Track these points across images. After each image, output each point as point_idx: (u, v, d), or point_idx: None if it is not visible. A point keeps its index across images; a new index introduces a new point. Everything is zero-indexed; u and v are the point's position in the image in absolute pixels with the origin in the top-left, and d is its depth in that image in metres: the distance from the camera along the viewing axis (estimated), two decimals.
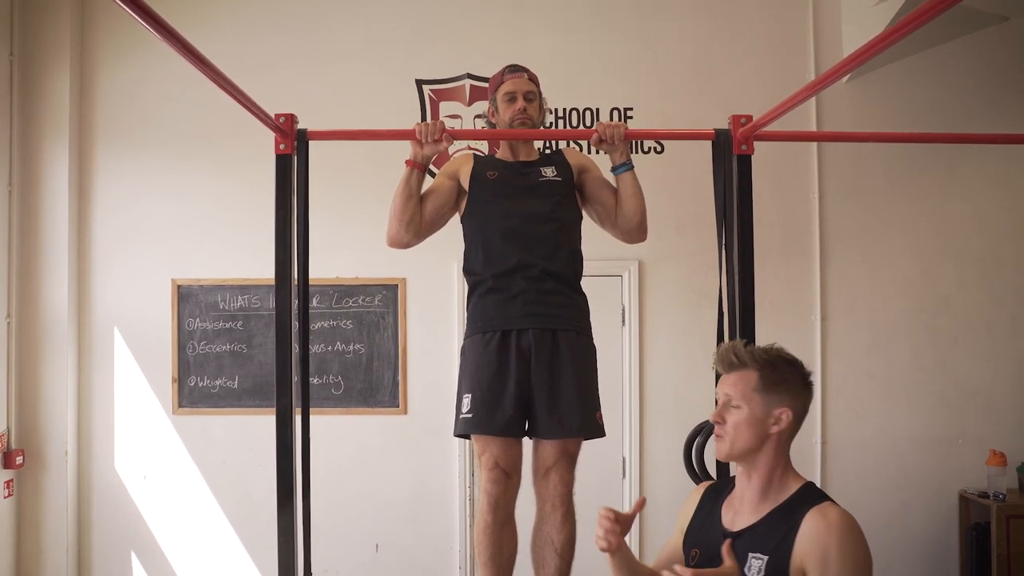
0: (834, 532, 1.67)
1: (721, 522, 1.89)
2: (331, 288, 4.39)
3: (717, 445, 1.87)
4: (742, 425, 1.81)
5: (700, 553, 1.90)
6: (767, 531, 1.77)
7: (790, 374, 1.85)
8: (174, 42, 1.85)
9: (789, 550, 1.70)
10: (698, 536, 1.95)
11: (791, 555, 1.70)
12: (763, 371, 1.83)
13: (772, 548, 1.73)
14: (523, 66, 2.86)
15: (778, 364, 1.85)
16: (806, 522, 1.71)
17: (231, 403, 4.39)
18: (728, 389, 1.85)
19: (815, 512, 1.72)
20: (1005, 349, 4.40)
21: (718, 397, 1.89)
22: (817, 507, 1.73)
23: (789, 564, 1.70)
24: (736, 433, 1.82)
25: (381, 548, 4.38)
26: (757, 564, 1.73)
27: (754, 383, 1.82)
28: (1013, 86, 4.43)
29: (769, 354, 1.86)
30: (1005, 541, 3.95)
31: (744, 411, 1.82)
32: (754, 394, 1.82)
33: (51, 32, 4.31)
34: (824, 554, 1.66)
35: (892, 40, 1.84)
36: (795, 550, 1.70)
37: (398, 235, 2.74)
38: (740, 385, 1.83)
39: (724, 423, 1.83)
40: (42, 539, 4.27)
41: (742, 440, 1.82)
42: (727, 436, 1.83)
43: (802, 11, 4.43)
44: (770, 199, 4.22)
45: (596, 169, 2.87)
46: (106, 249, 4.43)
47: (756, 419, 1.81)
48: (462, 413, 2.63)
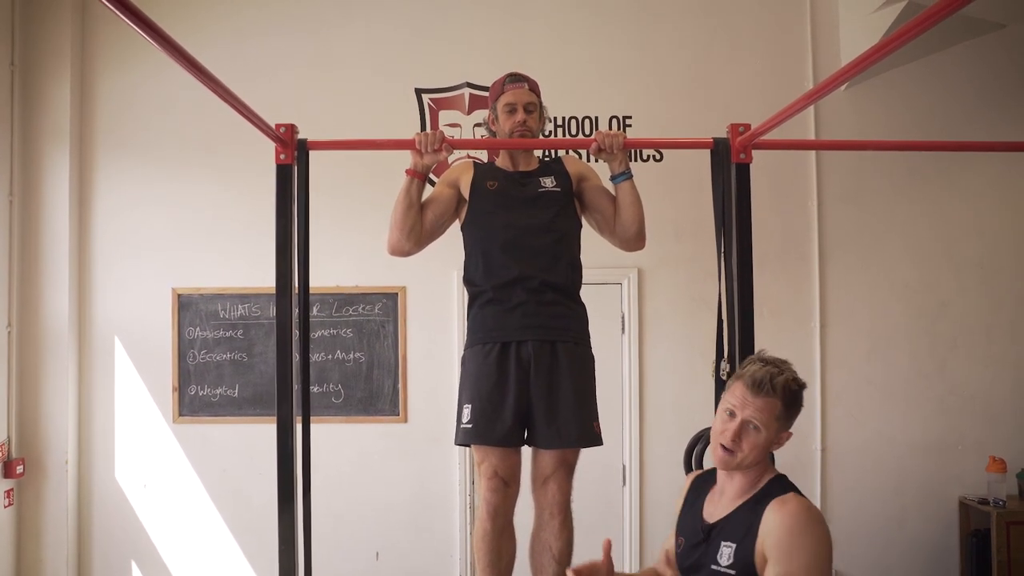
0: (789, 521, 1.82)
1: (702, 514, 2.02)
2: (331, 297, 4.39)
3: (722, 458, 1.95)
4: (758, 447, 1.92)
5: (684, 542, 2.03)
6: (737, 521, 1.92)
7: (801, 402, 1.97)
8: (175, 54, 1.86)
9: (753, 538, 1.85)
10: (683, 525, 2.08)
11: (755, 543, 1.85)
12: (786, 401, 1.93)
13: (740, 537, 1.88)
14: (524, 75, 2.86)
15: (797, 397, 1.95)
16: (767, 512, 1.86)
17: (231, 412, 4.39)
18: (754, 414, 1.91)
19: (775, 503, 1.87)
20: (1004, 354, 4.41)
21: (735, 411, 1.94)
22: (779, 498, 1.88)
23: (754, 551, 1.84)
24: (749, 453, 1.92)
25: (381, 556, 4.38)
26: (727, 551, 1.88)
27: (778, 412, 1.92)
28: (1011, 93, 4.44)
29: (793, 387, 1.94)
30: (1005, 548, 3.95)
31: (763, 435, 1.91)
32: (774, 422, 1.92)
33: (52, 41, 4.33)
34: (779, 541, 1.81)
35: (890, 49, 1.85)
36: (758, 538, 1.85)
37: (399, 244, 2.75)
38: (766, 412, 1.91)
39: (739, 442, 1.91)
40: (42, 548, 4.26)
41: (751, 460, 1.93)
42: (739, 455, 1.92)
43: (800, 19, 4.45)
44: (769, 206, 4.23)
45: (595, 177, 2.88)
46: (106, 258, 4.44)
47: (767, 443, 1.93)
48: (462, 423, 2.64)
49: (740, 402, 1.93)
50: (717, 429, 1.97)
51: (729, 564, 1.88)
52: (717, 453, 1.95)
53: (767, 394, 1.90)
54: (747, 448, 1.91)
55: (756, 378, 1.92)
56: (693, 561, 1.99)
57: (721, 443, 1.93)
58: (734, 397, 1.95)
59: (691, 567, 2.00)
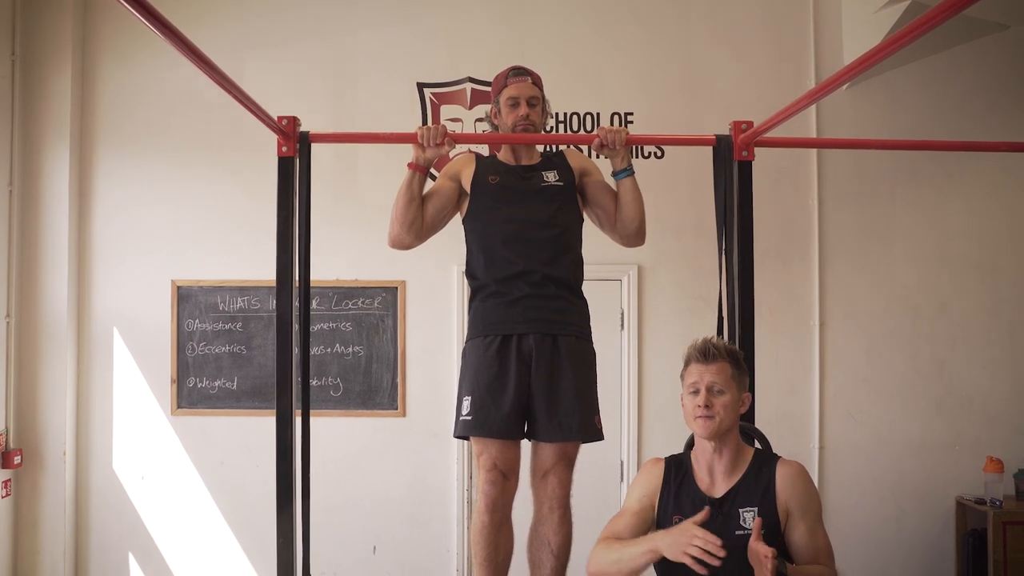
0: (802, 477, 2.15)
1: (701, 491, 2.18)
2: (331, 290, 4.39)
3: (705, 425, 2.13)
4: (729, 407, 2.13)
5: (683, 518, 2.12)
6: (749, 488, 2.14)
7: (744, 366, 2.24)
8: (179, 43, 1.86)
9: (773, 497, 2.11)
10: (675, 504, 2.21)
11: (776, 500, 2.11)
12: (732, 362, 2.17)
13: (759, 500, 2.12)
14: (527, 69, 2.85)
15: (739, 357, 2.21)
16: (779, 474, 2.13)
17: (230, 404, 4.40)
18: (713, 377, 2.14)
19: (782, 465, 2.16)
20: (1002, 355, 4.41)
21: (698, 384, 2.15)
22: (780, 461, 2.18)
23: (776, 507, 2.10)
24: (725, 414, 2.12)
25: (379, 549, 4.38)
26: (750, 515, 2.09)
27: (729, 372, 2.16)
28: (1013, 94, 4.44)
29: (733, 349, 2.22)
30: (1002, 548, 3.96)
31: (727, 395, 2.13)
32: (731, 381, 2.15)
33: (53, 33, 4.32)
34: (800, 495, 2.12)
35: (893, 49, 1.85)
36: (778, 496, 2.11)
37: (400, 237, 2.76)
38: (722, 375, 2.14)
39: (712, 406, 2.12)
40: (39, 539, 4.27)
41: (728, 420, 2.13)
42: (717, 416, 2.12)
43: (803, 17, 4.44)
44: (769, 204, 4.23)
45: (597, 172, 2.88)
46: (106, 249, 4.43)
47: (735, 402, 2.15)
48: (461, 415, 2.64)
49: (698, 375, 2.16)
50: (689, 409, 2.17)
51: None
52: (699, 425, 2.14)
53: (714, 358, 2.14)
54: (720, 410, 2.11)
55: (700, 348, 2.17)
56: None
57: (697, 416, 2.13)
58: (691, 375, 2.18)
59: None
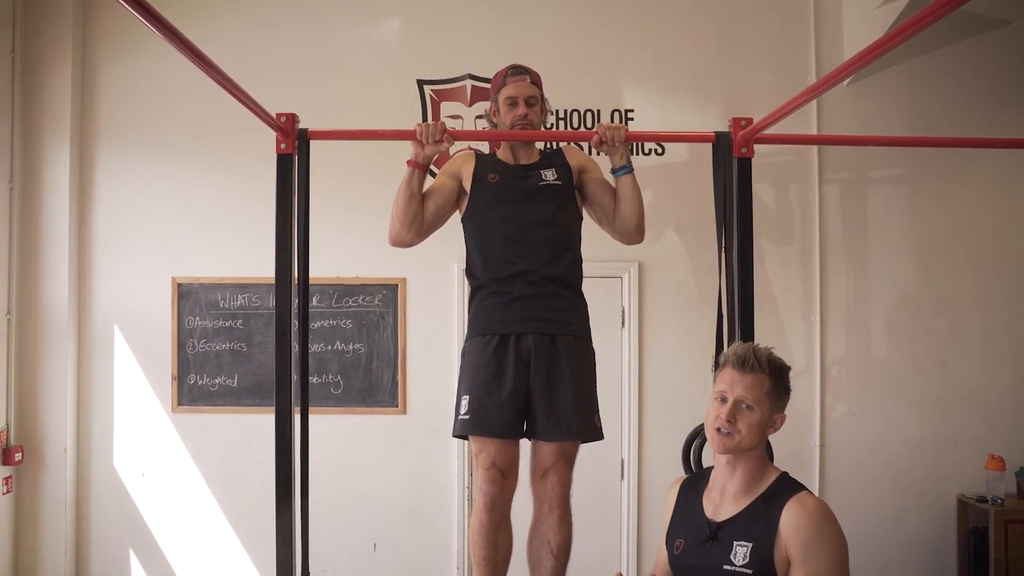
0: (813, 520, 1.81)
1: (704, 513, 1.98)
2: (331, 287, 4.39)
3: (720, 441, 1.93)
4: (754, 428, 1.91)
5: (684, 543, 1.99)
6: (750, 520, 1.88)
7: (788, 383, 1.99)
8: (177, 42, 1.86)
9: (773, 537, 1.83)
10: (680, 528, 2.04)
11: (775, 542, 1.83)
12: (773, 378, 1.94)
13: (756, 536, 1.85)
14: (526, 67, 2.85)
15: (783, 373, 1.97)
16: (787, 511, 1.84)
17: (230, 401, 4.40)
18: (744, 392, 1.92)
19: (794, 501, 1.85)
20: (1003, 352, 4.41)
21: (727, 394, 1.94)
22: (795, 496, 1.87)
23: (773, 550, 1.82)
24: (747, 433, 1.91)
25: (379, 547, 4.38)
26: (742, 551, 1.85)
27: (766, 388, 1.93)
28: (1014, 90, 4.43)
29: (778, 362, 1.97)
30: (1003, 546, 3.95)
31: (757, 414, 1.91)
32: (765, 399, 1.93)
33: (53, 30, 4.31)
34: (806, 540, 1.80)
35: (893, 44, 1.85)
36: (779, 537, 1.83)
37: (400, 235, 2.76)
38: (756, 389, 1.92)
39: (735, 422, 1.91)
40: (40, 536, 4.27)
41: (749, 440, 1.91)
42: (736, 436, 1.91)
43: (803, 13, 4.43)
44: (770, 200, 4.23)
45: (596, 169, 2.87)
46: (106, 246, 4.43)
47: (763, 423, 1.93)
48: (460, 414, 2.65)
49: (729, 384, 1.94)
50: (711, 416, 1.97)
51: (745, 563, 1.85)
52: (714, 437, 1.94)
53: (752, 369, 1.92)
54: (743, 428, 1.90)
55: (740, 355, 1.95)
56: (699, 561, 1.94)
57: (717, 427, 1.93)
58: (723, 382, 1.97)
59: (697, 568, 1.95)
